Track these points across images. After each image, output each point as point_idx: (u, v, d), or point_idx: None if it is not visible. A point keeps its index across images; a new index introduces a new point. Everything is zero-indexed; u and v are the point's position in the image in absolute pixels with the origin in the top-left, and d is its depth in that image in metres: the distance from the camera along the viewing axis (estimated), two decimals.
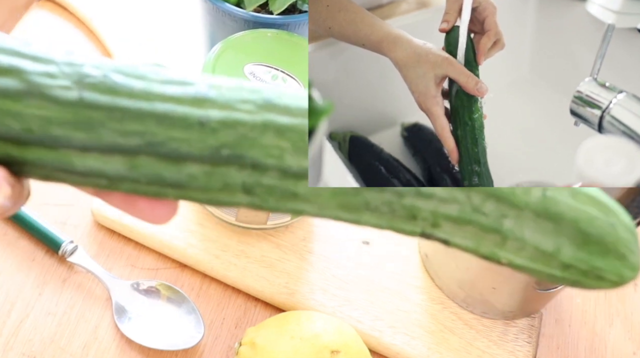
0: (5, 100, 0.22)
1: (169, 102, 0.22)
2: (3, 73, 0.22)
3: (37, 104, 0.22)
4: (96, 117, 0.22)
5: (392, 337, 0.50)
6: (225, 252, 0.52)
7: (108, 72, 0.22)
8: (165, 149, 0.22)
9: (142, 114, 0.22)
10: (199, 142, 0.22)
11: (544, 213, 0.22)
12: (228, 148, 0.22)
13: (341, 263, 0.52)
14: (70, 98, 0.22)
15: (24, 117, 0.22)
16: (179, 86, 0.23)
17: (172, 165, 0.22)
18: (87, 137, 0.22)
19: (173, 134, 0.22)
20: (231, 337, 0.49)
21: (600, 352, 0.52)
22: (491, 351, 0.50)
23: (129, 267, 0.51)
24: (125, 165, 0.22)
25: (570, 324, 0.54)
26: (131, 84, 0.22)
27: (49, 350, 0.47)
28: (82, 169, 0.23)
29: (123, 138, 0.22)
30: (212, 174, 0.22)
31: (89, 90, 0.22)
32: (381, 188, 0.23)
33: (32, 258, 0.51)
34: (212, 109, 0.22)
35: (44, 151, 0.22)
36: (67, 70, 0.22)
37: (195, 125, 0.22)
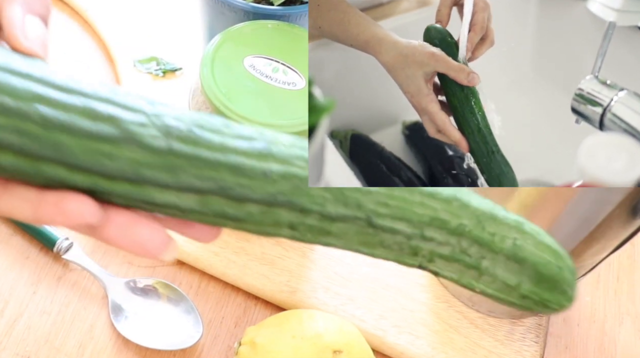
0: (103, 144, 0.25)
1: (240, 156, 0.27)
2: (102, 120, 0.25)
3: (130, 149, 0.26)
4: (179, 163, 0.26)
5: (396, 336, 0.49)
6: (225, 249, 0.51)
7: (191, 126, 0.27)
8: (233, 193, 0.27)
9: (217, 164, 0.26)
10: (261, 189, 0.27)
11: (512, 257, 0.29)
12: (283, 195, 0.27)
13: (344, 261, 0.52)
14: (159, 146, 0.26)
15: (118, 159, 0.26)
16: (248, 141, 0.27)
17: (236, 205, 0.27)
18: (169, 178, 0.26)
19: (241, 181, 0.27)
20: (230, 336, 0.49)
21: (610, 352, 0.52)
22: (497, 351, 0.49)
23: (126, 264, 0.51)
24: (197, 202, 0.27)
25: (579, 323, 0.53)
26: (210, 137, 0.27)
27: (44, 350, 0.46)
28: (160, 202, 0.27)
29: (199, 181, 0.26)
30: (267, 213, 0.27)
31: (176, 140, 0.26)
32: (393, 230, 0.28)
33: (26, 255, 0.50)
34: (274, 163, 0.27)
35: (130, 186, 0.26)
36: (155, 121, 0.26)
37: (259, 176, 0.27)
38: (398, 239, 0.28)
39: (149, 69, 0.61)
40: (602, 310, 0.54)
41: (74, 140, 0.25)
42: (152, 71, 0.60)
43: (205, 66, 0.47)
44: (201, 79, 0.46)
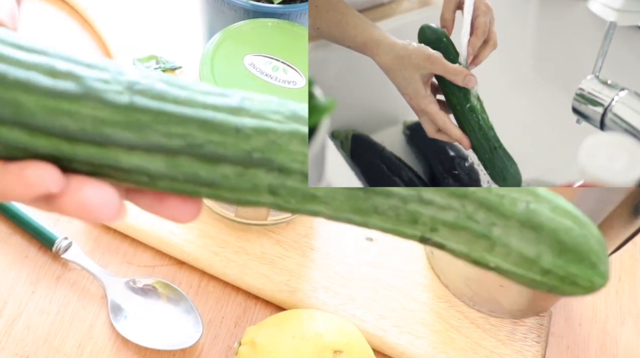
0: (62, 101, 0.24)
1: (209, 110, 0.25)
2: (62, 76, 0.24)
3: (91, 106, 0.24)
4: (144, 119, 0.25)
5: (397, 336, 0.49)
6: (225, 248, 0.51)
7: (156, 81, 0.25)
8: (204, 150, 0.25)
9: (185, 119, 0.25)
10: (234, 146, 0.25)
11: (527, 223, 0.26)
12: (259, 152, 0.25)
13: (344, 261, 0.52)
14: (122, 101, 0.25)
15: (79, 117, 0.24)
16: (218, 97, 0.26)
17: (208, 166, 0.25)
18: (134, 137, 0.25)
19: (212, 137, 0.25)
20: (230, 336, 0.49)
21: (611, 352, 0.52)
22: (499, 351, 0.49)
23: (125, 264, 0.51)
24: (166, 164, 0.25)
25: (581, 323, 0.53)
26: (176, 92, 0.25)
27: (43, 350, 0.46)
28: (127, 166, 0.25)
29: (167, 139, 0.25)
30: (243, 175, 0.25)
31: (139, 95, 0.25)
32: (388, 192, 0.26)
33: (25, 255, 0.50)
34: (246, 117, 0.25)
35: (94, 148, 0.25)
36: (118, 77, 0.25)
37: (231, 131, 0.25)
38: (393, 203, 0.26)
39: (149, 68, 0.60)
40: (603, 309, 0.54)
41: (33, 99, 0.24)
42: (152, 69, 0.60)
43: (205, 65, 0.47)
44: (201, 77, 0.46)
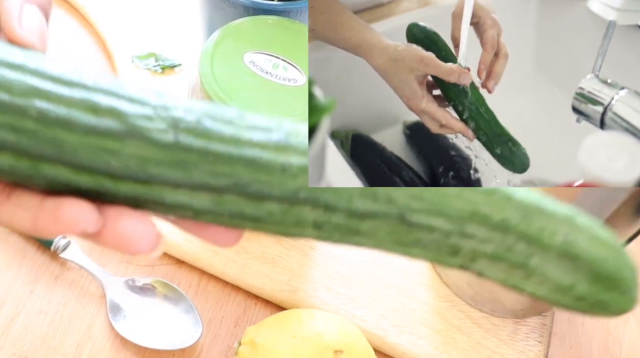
0: (106, 140, 0.24)
1: (255, 148, 0.25)
2: (104, 113, 0.24)
3: (136, 144, 0.24)
4: (190, 159, 0.24)
5: (398, 336, 0.49)
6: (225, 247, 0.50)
7: (200, 117, 0.25)
8: (250, 189, 0.25)
9: (231, 158, 0.25)
10: (280, 185, 0.25)
11: (565, 254, 0.26)
12: (305, 191, 0.25)
13: (345, 260, 0.52)
14: (166, 140, 0.24)
15: (123, 156, 0.24)
16: (263, 132, 0.25)
17: (254, 203, 0.25)
18: (179, 176, 0.24)
19: (258, 177, 0.25)
20: (230, 336, 0.49)
21: (614, 352, 0.52)
22: (501, 351, 0.49)
23: (124, 263, 0.51)
24: (211, 201, 0.25)
25: (584, 323, 0.53)
26: (222, 129, 0.25)
27: (41, 350, 0.46)
28: (171, 203, 0.25)
29: (213, 178, 0.25)
30: (288, 211, 0.25)
31: (184, 133, 0.24)
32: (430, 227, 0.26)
33: (23, 254, 0.50)
34: (293, 155, 0.25)
35: (138, 186, 0.24)
36: (162, 113, 0.25)
37: (278, 170, 0.25)
38: (435, 237, 0.26)
39: (148, 65, 0.60)
40: None
41: (75, 137, 0.23)
42: (151, 67, 0.60)
43: (205, 62, 0.46)
44: (200, 75, 0.46)
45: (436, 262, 0.27)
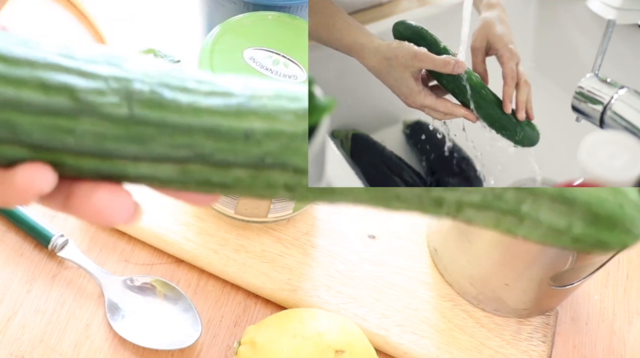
0: (59, 119, 0.23)
1: (215, 117, 0.24)
2: (54, 91, 0.23)
3: (89, 121, 0.23)
4: (147, 132, 0.24)
5: (400, 335, 0.49)
6: (224, 246, 0.51)
7: (155, 87, 0.24)
8: (213, 159, 0.24)
9: (190, 129, 0.24)
10: (245, 152, 0.24)
11: (559, 198, 0.26)
12: (272, 156, 0.24)
13: (346, 259, 0.52)
14: (121, 114, 0.23)
15: (78, 133, 0.23)
16: (223, 98, 0.24)
17: (220, 171, 0.25)
18: (139, 150, 0.24)
19: (220, 146, 0.24)
20: (230, 335, 0.48)
21: (619, 352, 0.52)
22: (504, 351, 0.49)
23: (123, 262, 0.50)
24: (176, 171, 0.24)
25: (588, 322, 0.53)
26: (178, 99, 0.24)
27: (38, 350, 0.46)
28: (135, 175, 0.24)
29: (173, 150, 0.24)
30: (257, 176, 0.25)
31: (139, 106, 0.24)
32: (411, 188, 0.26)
33: (20, 253, 0.50)
34: (255, 120, 0.24)
35: (98, 161, 0.24)
36: (115, 86, 0.24)
37: (240, 138, 0.24)
38: (416, 192, 0.26)
39: None
40: (611, 309, 0.54)
41: (27, 118, 0.23)
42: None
43: (204, 58, 0.46)
44: None
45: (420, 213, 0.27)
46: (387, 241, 0.53)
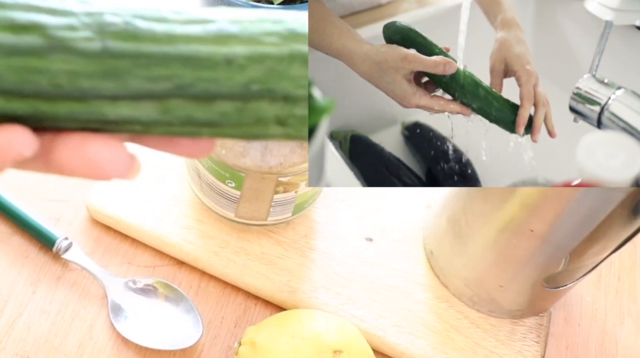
0: (30, 58, 0.22)
1: (192, 43, 0.22)
2: (24, 30, 0.22)
3: (62, 59, 0.22)
4: (122, 65, 0.22)
5: (396, 336, 0.49)
6: (225, 248, 0.51)
7: (128, 18, 0.22)
8: (195, 90, 0.22)
9: (167, 58, 0.22)
10: (228, 80, 0.22)
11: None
12: (257, 83, 0.22)
13: (344, 261, 0.52)
14: (94, 49, 0.22)
15: (51, 73, 0.22)
16: (201, 25, 0.23)
17: (204, 105, 0.23)
18: (115, 86, 0.22)
19: (200, 74, 0.22)
20: (230, 336, 0.49)
21: (611, 352, 0.52)
22: (498, 351, 0.49)
23: (125, 264, 0.51)
24: (157, 110, 0.23)
25: (580, 323, 0.53)
26: (153, 28, 0.22)
27: (43, 350, 0.46)
28: (114, 118, 0.23)
29: (151, 83, 0.22)
30: (244, 109, 0.23)
31: (112, 39, 0.22)
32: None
33: (26, 255, 0.50)
34: (237, 45, 0.22)
35: (75, 104, 0.22)
36: (87, 20, 0.22)
37: (221, 64, 0.22)
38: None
39: None
40: (603, 309, 0.54)
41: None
42: None
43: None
44: None
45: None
46: (384, 244, 0.53)
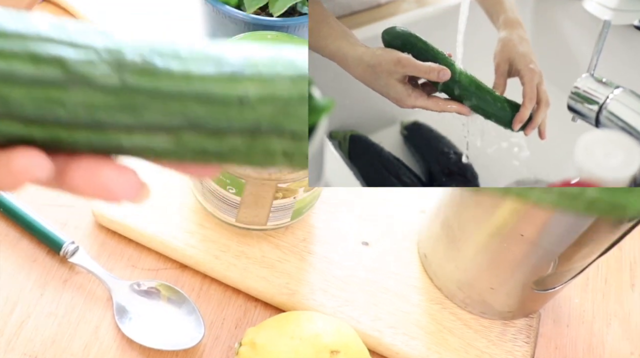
0: (49, 89, 0.22)
1: (207, 82, 0.23)
2: (45, 63, 0.22)
3: (81, 92, 0.23)
4: (139, 100, 0.23)
5: (392, 337, 0.49)
6: (226, 252, 0.51)
7: (146, 55, 0.23)
8: (207, 125, 0.23)
9: (182, 95, 0.23)
10: (239, 117, 0.23)
11: None
12: (267, 121, 0.23)
13: (341, 264, 0.52)
14: (113, 84, 0.23)
15: (70, 104, 0.23)
16: (215, 64, 0.23)
17: (215, 139, 0.23)
18: (131, 119, 0.23)
19: (214, 112, 0.23)
20: (231, 337, 0.49)
21: (598, 352, 0.52)
22: (490, 351, 0.50)
23: (130, 267, 0.51)
24: (170, 141, 0.23)
25: (569, 324, 0.54)
26: (170, 66, 0.23)
27: (50, 351, 0.47)
28: (129, 147, 0.24)
29: (166, 118, 0.23)
30: (253, 144, 0.24)
31: (130, 75, 0.23)
32: None
33: (34, 259, 0.51)
34: (250, 85, 0.23)
35: (92, 133, 0.23)
36: (106, 56, 0.23)
37: (234, 103, 0.23)
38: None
39: None
40: (590, 311, 0.54)
41: (19, 91, 0.22)
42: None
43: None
44: None
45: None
46: (380, 248, 0.53)
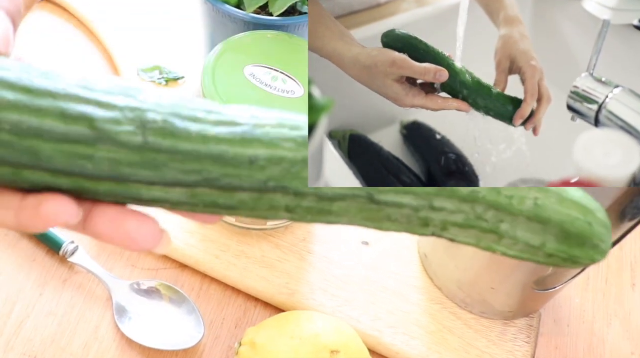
0: (78, 146, 0.25)
1: (222, 144, 0.25)
2: (74, 121, 0.25)
3: (107, 149, 0.25)
4: (160, 159, 0.25)
5: (392, 337, 0.50)
6: (226, 252, 0.52)
7: (167, 117, 0.25)
8: (220, 183, 0.26)
9: (199, 156, 0.25)
10: (249, 177, 0.26)
11: (535, 218, 0.28)
12: (274, 181, 0.26)
13: (341, 264, 0.52)
14: (136, 142, 0.25)
15: (96, 159, 0.25)
16: (229, 127, 0.26)
17: (226, 194, 0.26)
18: (152, 175, 0.25)
19: (227, 171, 0.25)
20: (231, 337, 0.49)
21: (598, 352, 0.52)
22: (490, 351, 0.50)
23: (130, 267, 0.51)
24: (185, 195, 0.26)
25: (569, 324, 0.54)
26: (188, 128, 0.25)
27: (50, 350, 0.47)
28: (148, 198, 0.26)
29: (184, 175, 0.25)
30: (260, 199, 0.26)
31: (153, 135, 0.25)
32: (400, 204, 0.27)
33: (33, 258, 0.51)
34: (259, 148, 0.26)
35: (115, 185, 0.25)
36: (130, 115, 0.25)
37: (246, 163, 0.25)
38: (405, 212, 0.27)
39: (152, 78, 0.61)
40: (591, 311, 0.54)
41: (49, 146, 0.24)
42: (155, 80, 0.61)
43: (207, 75, 0.47)
44: (203, 87, 0.47)
45: (408, 232, 0.28)
46: (380, 247, 0.53)
